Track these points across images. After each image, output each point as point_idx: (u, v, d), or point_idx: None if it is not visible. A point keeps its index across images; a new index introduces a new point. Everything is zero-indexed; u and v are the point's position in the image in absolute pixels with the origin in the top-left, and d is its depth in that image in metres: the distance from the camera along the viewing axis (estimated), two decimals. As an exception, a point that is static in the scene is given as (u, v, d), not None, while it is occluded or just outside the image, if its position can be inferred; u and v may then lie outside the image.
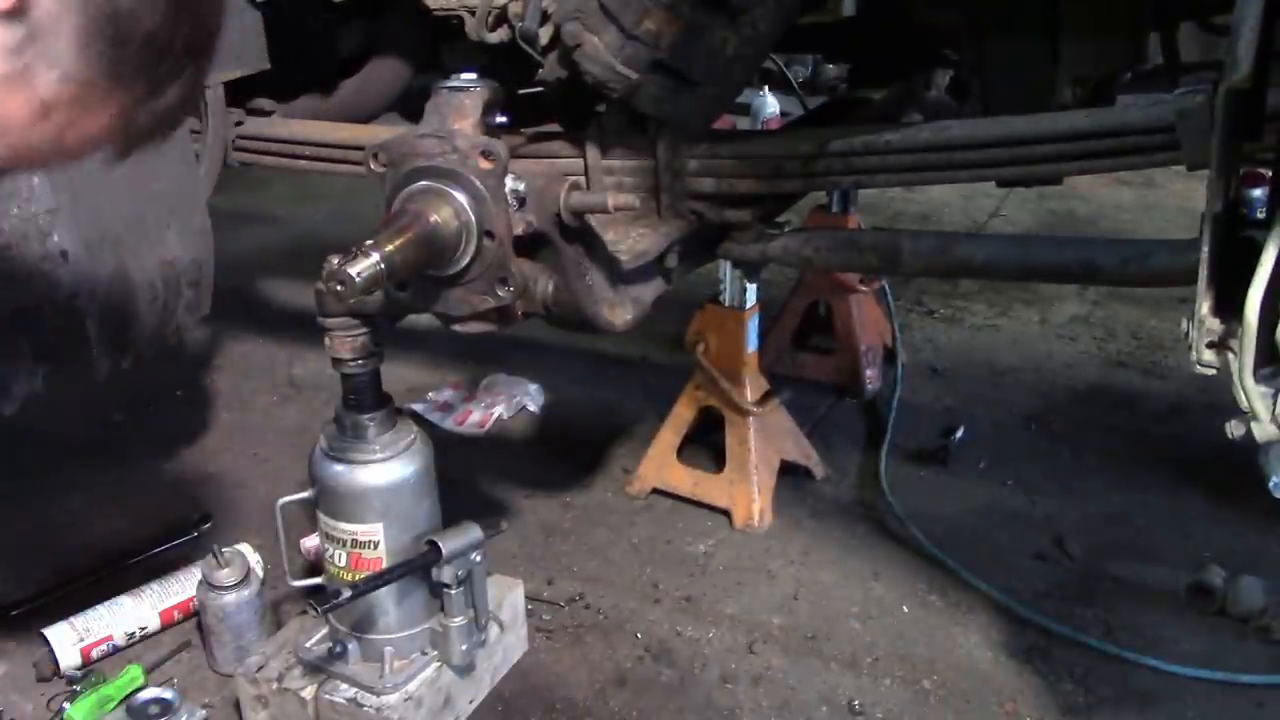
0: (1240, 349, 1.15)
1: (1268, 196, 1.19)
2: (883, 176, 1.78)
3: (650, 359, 3.24)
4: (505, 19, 1.71)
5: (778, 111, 4.99)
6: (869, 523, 2.46)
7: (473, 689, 1.93)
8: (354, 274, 1.36)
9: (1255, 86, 1.12)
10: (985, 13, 1.88)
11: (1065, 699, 1.93)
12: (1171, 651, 2.01)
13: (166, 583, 2.13)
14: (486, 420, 2.93)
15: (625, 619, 2.17)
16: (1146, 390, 3.03)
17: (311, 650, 1.84)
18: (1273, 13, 1.11)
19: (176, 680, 2.01)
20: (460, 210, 1.50)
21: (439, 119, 1.54)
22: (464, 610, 1.81)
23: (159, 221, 2.02)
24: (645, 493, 2.57)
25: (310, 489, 1.81)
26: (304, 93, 2.45)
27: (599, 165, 1.86)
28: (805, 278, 3.02)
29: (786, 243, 1.92)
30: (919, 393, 3.02)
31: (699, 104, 1.78)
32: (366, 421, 1.74)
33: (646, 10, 1.54)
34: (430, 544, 1.73)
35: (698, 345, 2.46)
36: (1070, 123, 1.62)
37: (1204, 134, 1.24)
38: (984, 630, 2.11)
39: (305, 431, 1.78)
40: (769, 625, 2.15)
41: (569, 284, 1.61)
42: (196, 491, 2.62)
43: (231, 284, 2.22)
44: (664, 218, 1.85)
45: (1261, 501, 1.67)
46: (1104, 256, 1.68)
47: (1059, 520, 2.43)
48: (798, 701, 1.96)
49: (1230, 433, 1.19)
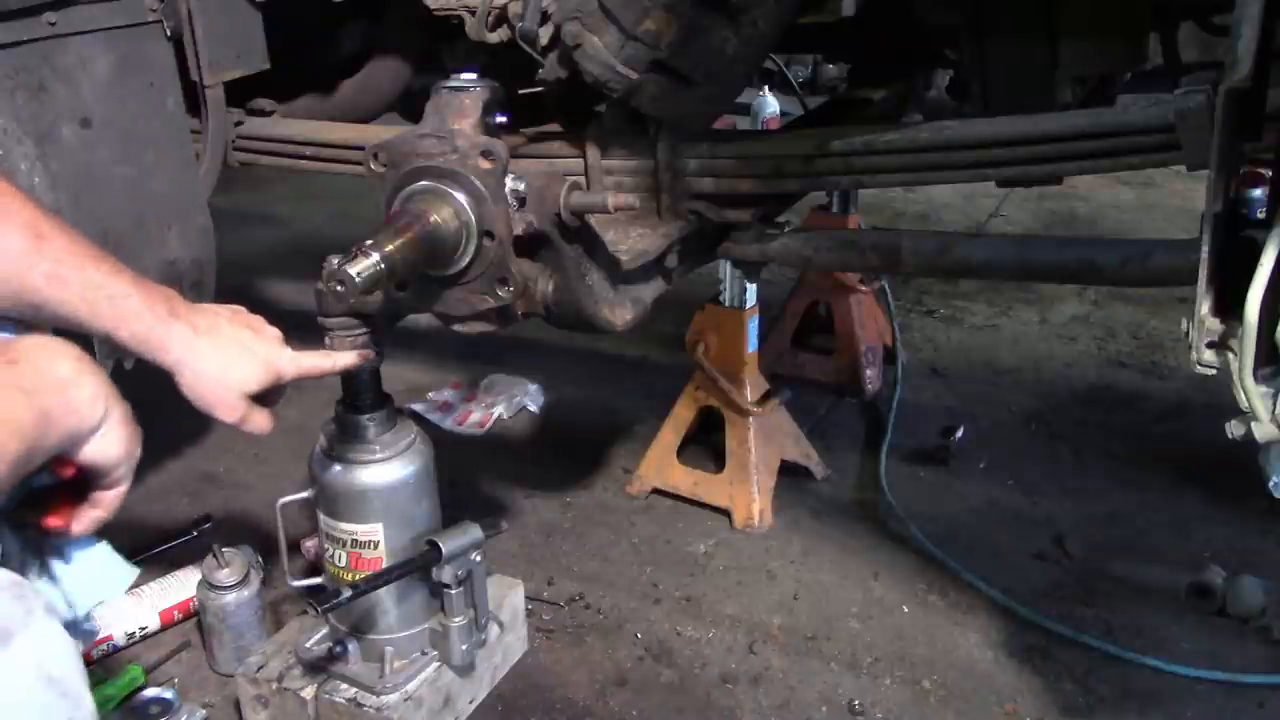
0: (1240, 349, 1.15)
1: (1268, 196, 1.19)
2: (883, 176, 1.78)
3: (650, 359, 3.24)
4: (505, 19, 1.71)
5: (778, 111, 4.99)
6: (869, 523, 2.46)
7: (473, 689, 1.93)
8: (354, 274, 1.36)
9: (1255, 86, 1.12)
10: (985, 13, 1.88)
11: (1065, 699, 1.93)
12: (1172, 651, 2.01)
13: (166, 583, 2.14)
14: (486, 420, 2.93)
15: (625, 619, 2.17)
16: (1146, 390, 3.03)
17: (311, 650, 1.84)
18: (1273, 13, 1.11)
19: (176, 680, 2.01)
20: (460, 210, 1.50)
21: (439, 119, 1.54)
22: (464, 610, 1.81)
23: (160, 221, 2.02)
24: (645, 493, 2.57)
25: (310, 489, 1.81)
26: (304, 93, 2.44)
27: (599, 165, 1.86)
28: (805, 278, 3.02)
29: (786, 243, 1.92)
30: (919, 393, 3.02)
31: (699, 104, 1.78)
32: (366, 421, 1.74)
33: (646, 10, 1.54)
34: (430, 544, 1.74)
35: (698, 345, 2.46)
36: (1070, 123, 1.62)
37: (1204, 134, 1.24)
38: (984, 630, 2.11)
39: (305, 431, 1.78)
40: (769, 625, 2.15)
41: (569, 284, 1.60)
42: (196, 491, 2.62)
43: (232, 284, 2.22)
44: (664, 218, 1.85)
45: (1261, 501, 1.67)
46: (1104, 256, 1.68)
47: (1059, 520, 2.43)
48: (798, 701, 1.96)
49: (1230, 433, 1.19)
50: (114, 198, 1.92)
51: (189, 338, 1.24)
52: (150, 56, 1.97)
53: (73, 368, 1.00)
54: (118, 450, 1.06)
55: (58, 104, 1.80)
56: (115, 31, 1.89)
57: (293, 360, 1.38)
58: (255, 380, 1.31)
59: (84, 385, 1.01)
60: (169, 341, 1.23)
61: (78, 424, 1.00)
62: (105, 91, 1.88)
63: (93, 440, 1.03)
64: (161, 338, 1.22)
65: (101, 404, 1.02)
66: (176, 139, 2.05)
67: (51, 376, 0.98)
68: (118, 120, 1.90)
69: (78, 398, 1.00)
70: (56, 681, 0.93)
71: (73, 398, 0.99)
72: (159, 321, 1.22)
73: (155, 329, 1.21)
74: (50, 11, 1.76)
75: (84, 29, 1.83)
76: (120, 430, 1.05)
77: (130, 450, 1.08)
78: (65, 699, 0.94)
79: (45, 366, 0.98)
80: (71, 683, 0.95)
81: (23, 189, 1.17)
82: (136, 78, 1.94)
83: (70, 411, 0.99)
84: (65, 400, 0.99)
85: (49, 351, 1.00)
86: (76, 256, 1.14)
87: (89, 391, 1.01)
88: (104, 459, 1.05)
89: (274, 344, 1.36)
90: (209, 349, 1.26)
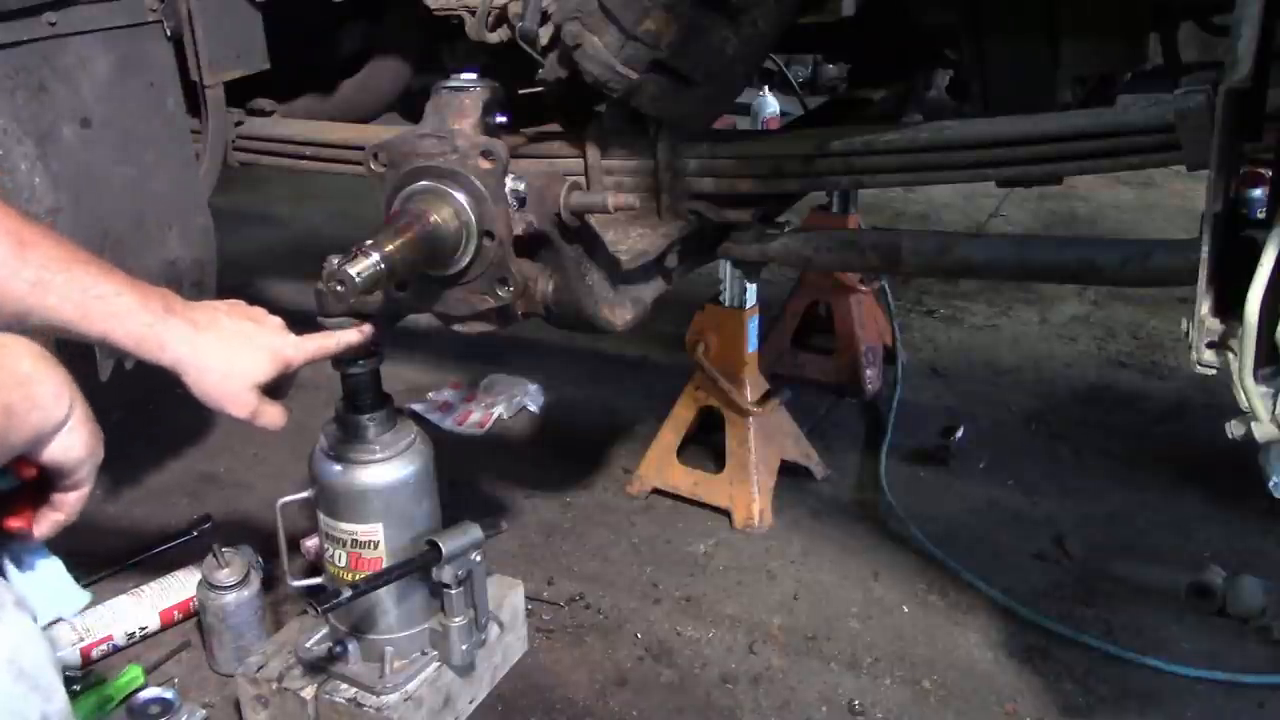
0: (1240, 349, 1.15)
1: (1268, 196, 1.19)
2: (883, 176, 1.78)
3: (650, 359, 3.24)
4: (505, 19, 1.71)
5: (778, 111, 4.99)
6: (869, 523, 2.46)
7: (473, 689, 1.93)
8: (354, 274, 1.36)
9: (1255, 86, 1.12)
10: (985, 13, 1.88)
11: (1065, 699, 1.93)
12: (1172, 651, 2.01)
13: (166, 583, 2.13)
14: (486, 420, 2.93)
15: (625, 619, 2.17)
16: (1146, 390, 3.03)
17: (311, 650, 1.84)
18: (1273, 13, 1.11)
19: (176, 680, 2.01)
20: (460, 210, 1.50)
21: (439, 119, 1.54)
22: (464, 610, 1.81)
23: (160, 221, 2.02)
24: (645, 493, 2.57)
25: (310, 489, 1.81)
26: (304, 93, 2.44)
27: (599, 165, 1.86)
28: (805, 278, 3.02)
29: (786, 243, 1.92)
30: (919, 393, 3.02)
31: (699, 104, 1.78)
32: (366, 421, 1.74)
33: (646, 10, 1.54)
34: (430, 544, 1.73)
35: (698, 345, 2.46)
36: (1070, 123, 1.62)
37: (1204, 134, 1.24)
38: (984, 630, 2.11)
39: (305, 431, 1.78)
40: (769, 625, 2.15)
41: (569, 284, 1.60)
42: (196, 491, 2.62)
43: (232, 284, 2.22)
44: (664, 218, 1.85)
45: (1261, 501, 1.67)
46: (1104, 256, 1.68)
47: (1059, 520, 2.43)
48: (798, 701, 1.96)
49: (1230, 433, 1.19)
50: (114, 198, 1.92)
51: (189, 334, 1.22)
52: (150, 56, 1.97)
53: (34, 364, 0.99)
54: (80, 449, 1.04)
55: (58, 104, 1.80)
56: (115, 31, 1.89)
57: (298, 346, 1.36)
58: (263, 371, 1.29)
59: (46, 381, 1.00)
60: (167, 339, 1.21)
61: (41, 420, 0.99)
62: (105, 91, 1.88)
63: (56, 439, 1.02)
64: (160, 335, 1.20)
65: (66, 400, 1.01)
66: (176, 139, 2.05)
67: (13, 372, 0.97)
68: (118, 120, 1.91)
69: (41, 393, 0.99)
70: (27, 675, 0.93)
71: (35, 393, 0.98)
72: (156, 319, 1.20)
73: (153, 327, 1.20)
74: (50, 11, 1.76)
75: (84, 29, 1.83)
76: (83, 429, 1.04)
77: (93, 449, 1.06)
78: (36, 692, 0.93)
79: (7, 363, 0.97)
80: (43, 676, 0.94)
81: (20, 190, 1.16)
82: (136, 78, 1.94)
83: (33, 408, 0.98)
84: (27, 395, 0.97)
85: (10, 349, 0.99)
86: (62, 261, 1.12)
87: (52, 387, 1.00)
88: (66, 458, 1.04)
89: (277, 332, 1.34)
90: (212, 343, 1.24)
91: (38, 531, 1.08)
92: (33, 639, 0.95)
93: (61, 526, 1.09)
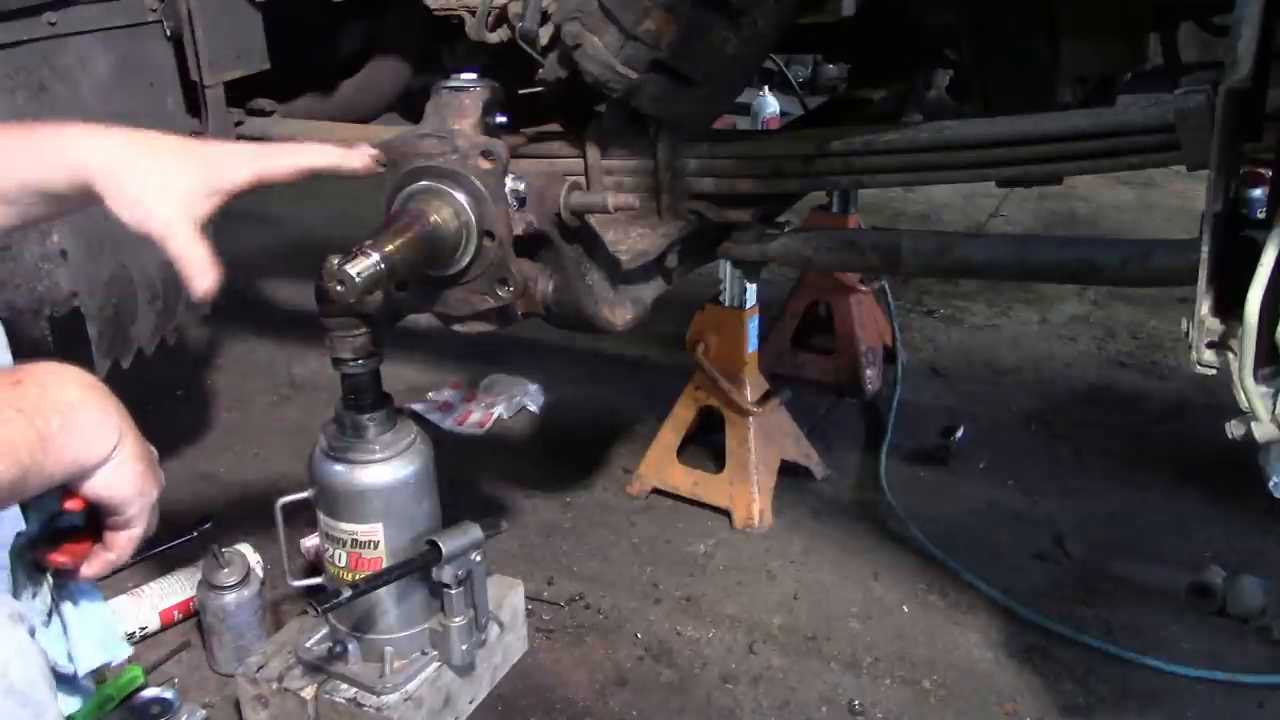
0: (1240, 349, 1.15)
1: (1268, 196, 1.19)
2: (883, 176, 1.78)
3: (650, 359, 3.24)
4: (505, 19, 1.71)
5: (778, 111, 4.99)
6: (869, 523, 2.46)
7: (473, 689, 1.93)
8: (354, 274, 1.36)
9: (1255, 86, 1.12)
10: (985, 13, 1.88)
11: (1065, 699, 1.93)
12: (1172, 651, 2.01)
13: (166, 583, 2.14)
14: (486, 420, 2.93)
15: (625, 619, 2.17)
16: (1146, 390, 3.03)
17: (311, 650, 1.84)
18: (1273, 13, 1.11)
19: (176, 680, 2.01)
20: (460, 210, 1.50)
21: (439, 119, 1.54)
22: (464, 610, 1.81)
23: (159, 221, 2.01)
24: (645, 493, 2.57)
25: (310, 489, 1.81)
26: (304, 93, 2.44)
27: (599, 165, 1.86)
28: (805, 278, 3.02)
29: (786, 243, 1.92)
30: (919, 393, 3.02)
31: (699, 104, 1.78)
32: (366, 421, 1.74)
33: (646, 10, 1.54)
34: (430, 544, 1.74)
35: (698, 345, 2.46)
36: (1070, 123, 1.62)
37: (1204, 134, 1.24)
38: (984, 630, 2.11)
39: (305, 431, 1.78)
40: (769, 625, 2.15)
41: (569, 284, 1.60)
42: (196, 491, 2.62)
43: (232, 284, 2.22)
44: (664, 218, 1.85)
45: (1261, 501, 1.67)
46: (1104, 256, 1.67)
47: (1059, 520, 2.43)
48: (798, 701, 1.96)
49: (1230, 433, 1.19)
50: (114, 198, 1.91)
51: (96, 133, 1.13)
52: (150, 56, 1.97)
53: (82, 394, 0.97)
54: (126, 487, 1.00)
55: (58, 104, 1.80)
56: (115, 31, 1.89)
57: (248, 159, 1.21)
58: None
59: (92, 411, 0.97)
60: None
61: (81, 451, 0.96)
62: (105, 91, 1.88)
63: (99, 473, 0.98)
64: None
65: (112, 433, 0.98)
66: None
67: (56, 399, 0.94)
68: (118, 120, 1.90)
69: (83, 422, 0.95)
70: (17, 691, 0.90)
71: (77, 421, 0.95)
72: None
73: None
74: (50, 11, 1.76)
75: (84, 29, 1.83)
76: (133, 465, 1.01)
77: (143, 488, 1.02)
78: (25, 709, 0.90)
79: (52, 390, 0.95)
80: (35, 692, 0.92)
81: None
82: (136, 78, 1.94)
83: (74, 436, 0.94)
84: (68, 424, 0.94)
85: (57, 376, 0.97)
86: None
87: (97, 416, 0.97)
88: (111, 494, 1.00)
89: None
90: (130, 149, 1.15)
91: (88, 570, 1.05)
92: (25, 653, 0.92)
93: (111, 567, 1.06)
